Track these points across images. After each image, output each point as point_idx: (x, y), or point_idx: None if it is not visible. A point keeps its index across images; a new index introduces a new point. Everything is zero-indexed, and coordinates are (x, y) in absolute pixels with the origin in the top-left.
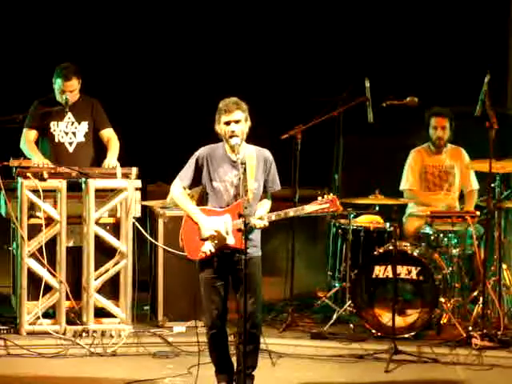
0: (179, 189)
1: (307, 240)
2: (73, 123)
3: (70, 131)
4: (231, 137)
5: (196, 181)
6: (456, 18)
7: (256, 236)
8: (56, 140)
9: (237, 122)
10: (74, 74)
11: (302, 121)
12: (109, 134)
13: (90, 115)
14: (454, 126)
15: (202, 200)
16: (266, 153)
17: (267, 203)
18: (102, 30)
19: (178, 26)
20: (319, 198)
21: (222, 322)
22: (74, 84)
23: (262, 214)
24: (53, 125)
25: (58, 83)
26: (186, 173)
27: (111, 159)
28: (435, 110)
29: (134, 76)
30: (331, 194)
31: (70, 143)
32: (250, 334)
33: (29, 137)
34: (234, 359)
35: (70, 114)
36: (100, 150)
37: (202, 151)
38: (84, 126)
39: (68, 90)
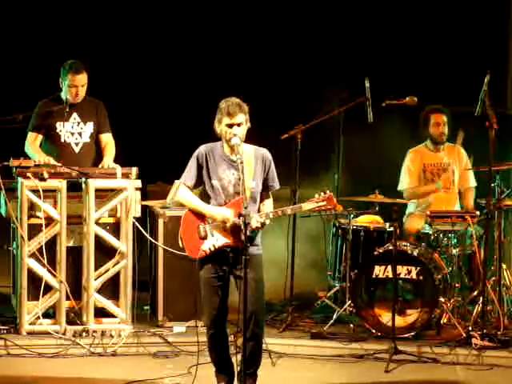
0: (184, 190)
1: (307, 240)
2: (79, 123)
3: (75, 131)
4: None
5: (199, 179)
6: (456, 19)
7: (257, 235)
8: (62, 140)
9: (239, 124)
10: (84, 68)
11: (302, 121)
12: (107, 139)
13: (95, 116)
14: (450, 122)
15: (202, 199)
16: (264, 152)
17: (270, 202)
18: (102, 30)
19: (179, 26)
20: (316, 196)
21: (222, 322)
22: (84, 78)
23: (269, 210)
24: (59, 125)
25: (67, 79)
26: (189, 173)
27: (109, 160)
28: (433, 107)
29: (134, 76)
30: (328, 192)
31: (77, 144)
32: (252, 333)
33: (32, 139)
34: (234, 359)
35: (75, 115)
36: (99, 153)
37: (201, 149)
38: (90, 127)
39: (79, 84)
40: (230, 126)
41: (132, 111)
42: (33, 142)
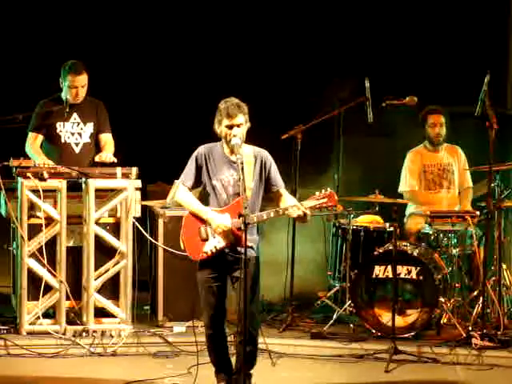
0: (183, 191)
1: (307, 240)
2: (78, 124)
3: (75, 132)
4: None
5: (198, 180)
6: (456, 18)
7: (254, 237)
8: (62, 140)
9: (239, 125)
10: (84, 69)
11: (301, 121)
12: (107, 139)
13: (95, 117)
14: (448, 123)
15: (202, 199)
16: (264, 153)
17: (288, 195)
18: (102, 31)
19: (178, 27)
20: (317, 193)
21: (220, 323)
22: (85, 79)
23: (294, 203)
24: (59, 125)
25: (67, 79)
26: (188, 174)
27: (108, 153)
28: (430, 107)
29: (134, 76)
30: (328, 189)
31: (77, 144)
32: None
33: (32, 140)
34: (233, 359)
35: (75, 115)
36: (99, 153)
37: (200, 150)
38: (90, 127)
39: (79, 84)
40: (230, 127)
41: (132, 111)
42: (33, 143)
